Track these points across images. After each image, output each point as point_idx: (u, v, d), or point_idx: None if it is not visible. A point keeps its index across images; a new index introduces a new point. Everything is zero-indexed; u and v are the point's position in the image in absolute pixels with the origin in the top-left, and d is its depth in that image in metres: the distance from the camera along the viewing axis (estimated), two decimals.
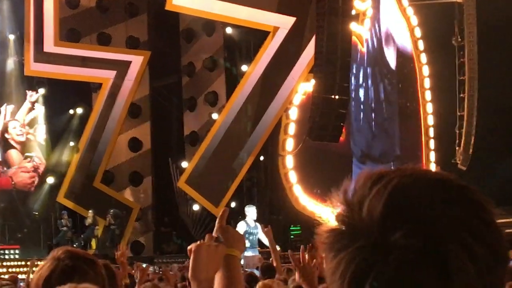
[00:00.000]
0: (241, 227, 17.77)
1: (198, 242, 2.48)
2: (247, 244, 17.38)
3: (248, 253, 17.37)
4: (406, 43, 29.15)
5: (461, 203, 1.16)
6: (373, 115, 27.87)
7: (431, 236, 1.11)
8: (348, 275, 1.15)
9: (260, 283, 2.65)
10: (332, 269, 1.18)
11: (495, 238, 1.16)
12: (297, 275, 4.74)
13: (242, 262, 16.90)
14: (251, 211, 18.27)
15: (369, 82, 27.86)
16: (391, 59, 28.50)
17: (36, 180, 25.07)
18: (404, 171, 1.20)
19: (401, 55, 28.87)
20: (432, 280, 1.11)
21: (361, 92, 27.31)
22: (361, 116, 27.33)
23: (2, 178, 24.76)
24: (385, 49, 28.37)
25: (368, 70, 27.80)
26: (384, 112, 28.10)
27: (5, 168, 24.83)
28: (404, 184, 1.17)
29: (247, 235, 17.55)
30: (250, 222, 18.06)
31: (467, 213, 1.15)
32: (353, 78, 25.92)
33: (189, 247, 2.47)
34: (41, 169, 25.14)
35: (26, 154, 24.91)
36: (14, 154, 24.99)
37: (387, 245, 1.12)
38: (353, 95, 25.65)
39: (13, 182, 24.68)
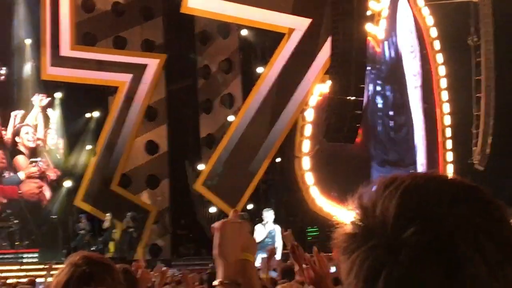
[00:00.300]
0: (259, 231, 17.76)
1: (223, 220, 2.48)
2: (262, 247, 17.55)
3: (261, 255, 17.46)
4: (418, 44, 29.08)
5: (471, 201, 1.18)
6: (390, 121, 27.93)
7: (441, 233, 1.13)
8: (362, 275, 1.17)
9: (278, 286, 2.67)
10: (347, 270, 1.20)
11: (505, 235, 1.17)
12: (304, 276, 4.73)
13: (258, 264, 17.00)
14: (269, 215, 18.21)
15: (386, 86, 27.87)
16: (409, 62, 28.49)
17: (47, 189, 25.04)
18: (416, 174, 1.23)
19: (417, 57, 28.82)
20: (441, 277, 1.12)
21: (378, 98, 27.35)
22: (379, 120, 27.35)
23: (8, 187, 24.73)
24: (403, 53, 28.36)
25: (384, 73, 27.79)
26: (402, 116, 28.14)
27: (11, 174, 24.85)
28: (415, 184, 1.19)
29: (266, 239, 17.56)
30: (268, 226, 17.98)
31: (477, 211, 1.17)
32: (370, 83, 26.02)
33: (213, 225, 2.47)
34: (50, 174, 25.12)
35: (31, 159, 24.93)
36: (21, 160, 25.02)
37: (398, 243, 1.14)
38: (369, 99, 25.74)
39: (20, 192, 24.64)
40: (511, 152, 26.36)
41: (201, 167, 24.98)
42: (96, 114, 25.85)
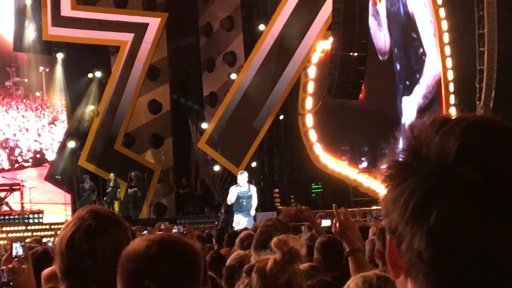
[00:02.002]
0: (233, 192, 18.33)
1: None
2: (239, 207, 18.04)
3: (237, 215, 17.98)
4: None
5: None
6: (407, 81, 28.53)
7: (501, 174, 1.12)
8: (412, 203, 1.16)
9: (275, 239, 2.71)
10: (393, 197, 1.19)
11: None
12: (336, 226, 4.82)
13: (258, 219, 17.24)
14: (243, 178, 18.56)
15: (401, 50, 28.28)
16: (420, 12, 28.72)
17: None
18: (475, 114, 1.22)
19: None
20: (498, 216, 1.12)
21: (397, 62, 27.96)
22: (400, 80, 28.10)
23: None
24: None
25: (398, 38, 28.05)
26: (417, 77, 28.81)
27: None
28: (478, 123, 1.19)
29: (241, 200, 18.07)
30: (241, 187, 18.30)
31: None
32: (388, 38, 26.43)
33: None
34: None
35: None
36: None
37: (457, 177, 1.13)
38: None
39: None
40: None
41: (204, 125, 24.98)
42: (98, 74, 25.78)
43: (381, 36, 27.29)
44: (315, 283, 4.36)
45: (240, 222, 17.74)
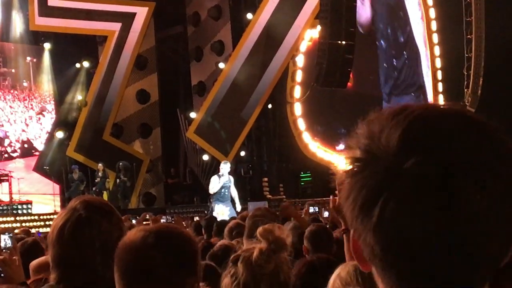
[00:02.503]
0: (214, 180, 18.41)
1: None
2: (220, 197, 18.10)
3: (219, 205, 18.11)
4: None
5: (478, 136, 1.17)
6: (394, 59, 28.48)
7: (441, 165, 1.12)
8: (360, 199, 1.17)
9: (260, 228, 2.73)
10: (346, 193, 1.20)
11: (508, 171, 1.16)
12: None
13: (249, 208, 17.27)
14: (225, 167, 18.65)
15: (388, 28, 28.21)
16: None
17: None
18: (428, 105, 1.22)
19: None
20: (438, 209, 1.11)
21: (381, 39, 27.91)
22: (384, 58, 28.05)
23: None
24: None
25: (385, 15, 27.99)
26: (404, 54, 28.81)
27: None
28: (424, 115, 1.18)
29: (222, 190, 18.19)
30: (223, 177, 18.40)
31: (481, 146, 1.15)
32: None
33: None
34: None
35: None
36: None
37: (400, 171, 1.13)
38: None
39: None
40: (502, 93, 26.39)
41: (193, 115, 24.95)
42: (86, 64, 25.72)
43: (362, 9, 27.18)
44: (314, 259, 4.36)
45: (224, 212, 17.85)
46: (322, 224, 7.42)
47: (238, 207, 18.49)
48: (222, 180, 18.30)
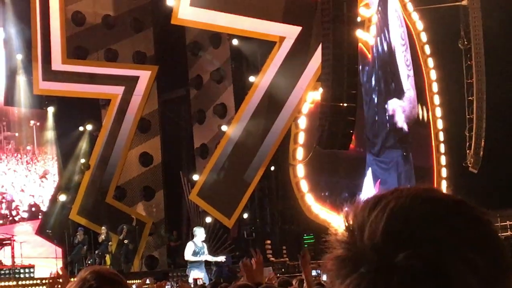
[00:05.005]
0: (189, 247, 18.75)
1: None
2: (196, 262, 18.58)
3: (194, 271, 18.25)
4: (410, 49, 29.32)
5: (458, 219, 1.17)
6: (386, 114, 28.47)
7: (431, 254, 1.12)
8: None
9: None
10: None
11: (496, 249, 1.17)
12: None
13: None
14: (200, 232, 18.80)
15: (381, 84, 28.20)
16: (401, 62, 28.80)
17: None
18: (400, 192, 1.21)
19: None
20: None
21: (374, 95, 27.81)
22: (376, 113, 28.04)
23: None
24: (396, 53, 28.68)
25: (379, 73, 28.03)
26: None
27: None
28: (401, 206, 1.17)
29: (196, 255, 18.63)
30: (198, 243, 18.80)
31: (464, 228, 1.16)
32: (366, 81, 26.54)
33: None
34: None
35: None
36: None
37: (389, 268, 1.12)
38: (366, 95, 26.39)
39: None
40: (505, 154, 26.42)
41: (195, 177, 24.96)
42: (89, 127, 25.81)
43: None
44: None
45: (201, 277, 18.00)
46: None
47: (219, 258, 18.95)
48: (195, 246, 18.54)
